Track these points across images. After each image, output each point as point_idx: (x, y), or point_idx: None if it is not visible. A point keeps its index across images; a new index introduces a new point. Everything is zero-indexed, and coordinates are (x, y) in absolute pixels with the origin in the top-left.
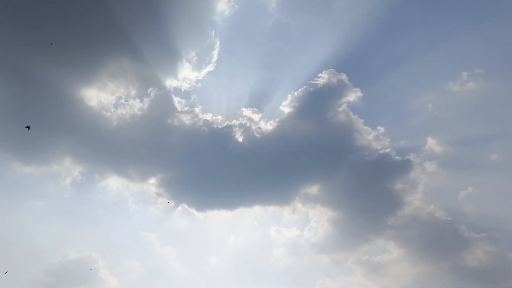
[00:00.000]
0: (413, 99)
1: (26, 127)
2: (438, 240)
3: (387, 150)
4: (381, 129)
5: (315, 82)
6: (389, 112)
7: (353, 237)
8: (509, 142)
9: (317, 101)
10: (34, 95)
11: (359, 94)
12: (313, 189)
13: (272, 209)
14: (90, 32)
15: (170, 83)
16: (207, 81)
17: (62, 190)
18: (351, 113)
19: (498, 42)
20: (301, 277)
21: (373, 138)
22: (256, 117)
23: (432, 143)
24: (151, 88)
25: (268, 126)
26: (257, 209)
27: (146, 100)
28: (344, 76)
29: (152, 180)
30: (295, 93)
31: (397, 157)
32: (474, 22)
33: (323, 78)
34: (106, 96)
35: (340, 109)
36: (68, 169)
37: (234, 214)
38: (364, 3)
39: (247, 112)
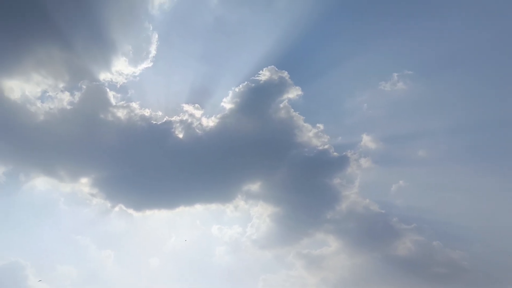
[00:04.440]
0: (349, 98)
1: None
2: (372, 232)
3: (326, 147)
4: (320, 126)
5: (257, 78)
6: (328, 110)
7: (294, 231)
8: (432, 140)
9: (258, 97)
10: None
11: (300, 92)
12: (255, 186)
13: (213, 207)
14: (12, 16)
15: (104, 76)
16: (146, 75)
17: None
18: (292, 110)
19: (426, 45)
20: (243, 274)
21: (313, 135)
22: (197, 113)
23: (366, 140)
24: (82, 81)
25: (209, 122)
26: (198, 207)
27: (77, 94)
28: (285, 74)
29: (85, 180)
30: (236, 89)
31: (335, 154)
32: (405, 24)
33: (264, 75)
34: (31, 89)
35: (281, 105)
36: None
37: (175, 214)
38: (303, 3)
39: (188, 107)
